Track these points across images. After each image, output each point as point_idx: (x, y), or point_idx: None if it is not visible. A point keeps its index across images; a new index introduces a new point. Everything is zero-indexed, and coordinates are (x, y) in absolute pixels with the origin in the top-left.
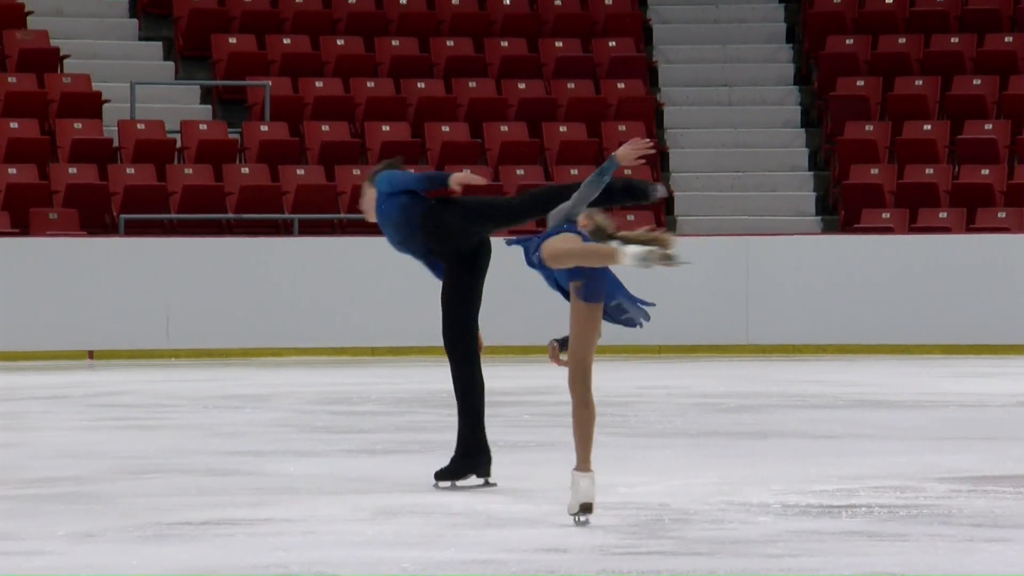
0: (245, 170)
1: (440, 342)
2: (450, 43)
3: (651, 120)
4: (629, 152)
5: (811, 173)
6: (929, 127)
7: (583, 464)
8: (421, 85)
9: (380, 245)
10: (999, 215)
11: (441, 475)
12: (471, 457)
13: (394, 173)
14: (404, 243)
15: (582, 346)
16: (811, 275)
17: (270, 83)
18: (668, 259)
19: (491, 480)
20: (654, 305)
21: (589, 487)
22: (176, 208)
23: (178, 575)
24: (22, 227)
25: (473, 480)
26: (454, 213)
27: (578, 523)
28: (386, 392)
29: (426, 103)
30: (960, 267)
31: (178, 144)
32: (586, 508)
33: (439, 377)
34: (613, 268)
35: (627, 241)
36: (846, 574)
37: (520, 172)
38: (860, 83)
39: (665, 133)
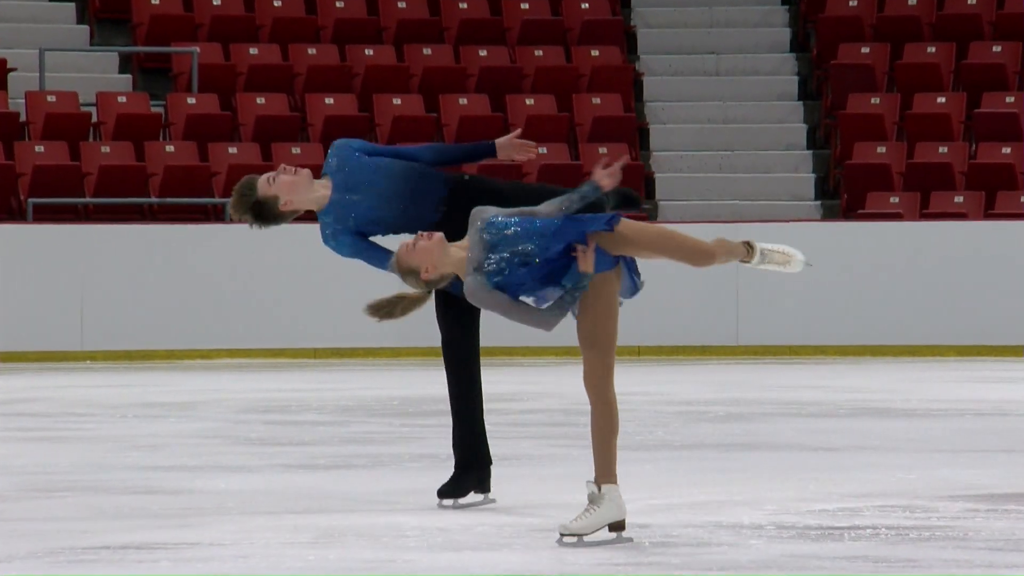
0: (170, 148)
1: (391, 344)
2: (401, 4)
3: (629, 92)
4: (605, 177)
5: (809, 152)
6: (943, 100)
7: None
8: (369, 52)
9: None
10: (1022, 199)
11: (443, 492)
12: (470, 470)
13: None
14: (389, 219)
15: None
16: (809, 267)
17: (198, 50)
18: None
19: (490, 495)
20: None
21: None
22: (92, 191)
23: None
24: None
25: (473, 496)
26: (490, 199)
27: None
28: (329, 400)
29: (375, 72)
30: (977, 257)
31: (94, 119)
32: (618, 526)
33: (389, 383)
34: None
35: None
36: None
37: None
38: (865, 50)
39: (644, 107)
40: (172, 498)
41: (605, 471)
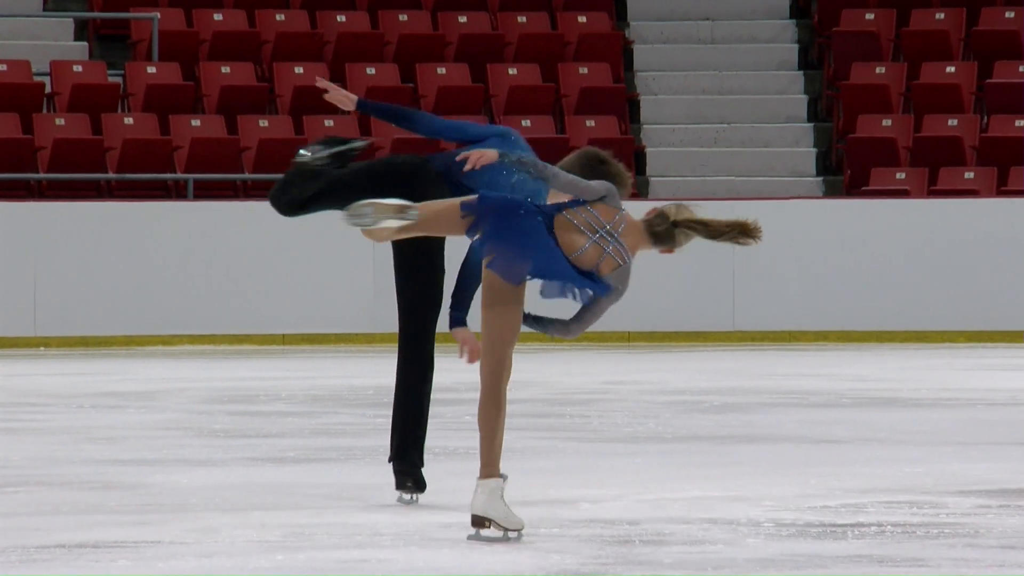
0: (129, 120)
1: (364, 329)
2: None
3: (618, 61)
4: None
5: (810, 125)
6: (952, 69)
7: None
8: (341, 18)
9: None
10: None
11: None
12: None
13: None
14: None
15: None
16: (810, 247)
17: (158, 15)
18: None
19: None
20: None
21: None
22: (45, 166)
23: None
24: None
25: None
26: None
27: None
28: (298, 389)
29: (347, 40)
30: (989, 237)
31: (47, 89)
32: (478, 522)
33: (362, 371)
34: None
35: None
36: None
37: None
38: (869, 16)
39: (635, 77)
40: (131, 494)
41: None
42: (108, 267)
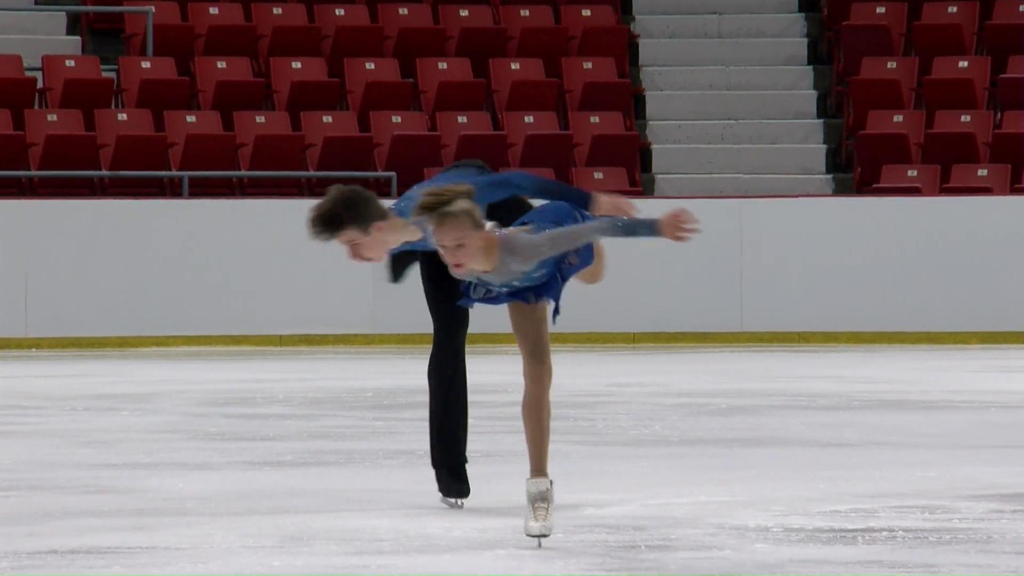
0: (123, 116)
1: (364, 330)
2: None
3: (623, 55)
4: (673, 227)
5: (820, 121)
6: (965, 64)
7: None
8: (340, 11)
9: (289, 210)
10: None
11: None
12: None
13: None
14: None
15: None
16: (819, 246)
17: (153, 9)
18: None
19: (457, 501)
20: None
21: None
22: (37, 163)
23: None
24: None
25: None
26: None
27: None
28: (296, 391)
29: (346, 34)
30: (1003, 235)
31: (39, 84)
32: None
33: (361, 372)
34: None
35: None
36: None
37: (462, 119)
38: (880, 10)
39: (640, 72)
40: (125, 498)
41: (545, 463)
42: (101, 266)
